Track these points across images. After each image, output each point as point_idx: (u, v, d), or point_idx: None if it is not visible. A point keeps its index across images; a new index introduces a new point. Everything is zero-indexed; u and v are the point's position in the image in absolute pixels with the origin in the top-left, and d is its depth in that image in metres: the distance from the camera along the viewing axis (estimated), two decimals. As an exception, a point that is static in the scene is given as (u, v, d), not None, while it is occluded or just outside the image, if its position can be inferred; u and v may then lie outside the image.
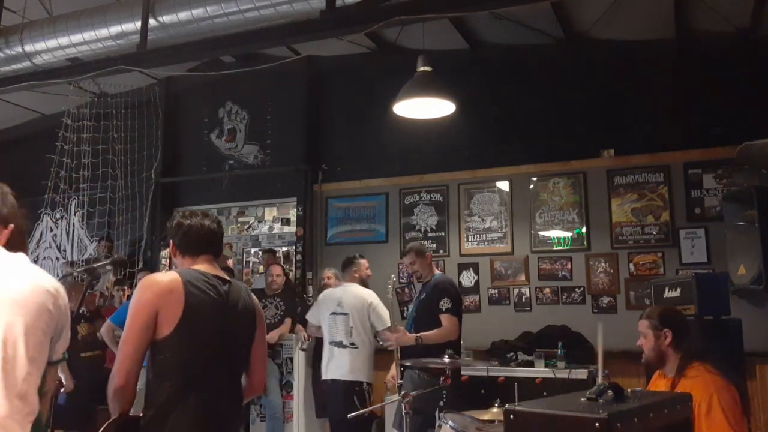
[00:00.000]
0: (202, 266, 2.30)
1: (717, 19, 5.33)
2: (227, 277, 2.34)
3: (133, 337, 2.07)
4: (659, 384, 2.82)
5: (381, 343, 4.87)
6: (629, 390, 1.74)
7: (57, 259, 8.22)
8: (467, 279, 6.37)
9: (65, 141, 7.51)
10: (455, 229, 6.51)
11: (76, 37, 5.08)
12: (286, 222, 7.57)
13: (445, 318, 4.36)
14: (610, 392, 1.64)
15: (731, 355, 3.71)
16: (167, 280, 2.16)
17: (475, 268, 6.36)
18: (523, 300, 6.14)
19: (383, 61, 6.85)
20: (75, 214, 8.09)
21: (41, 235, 8.36)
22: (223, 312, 2.23)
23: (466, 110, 5.52)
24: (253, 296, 2.45)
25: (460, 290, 5.09)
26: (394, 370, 4.74)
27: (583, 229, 6.01)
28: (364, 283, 5.16)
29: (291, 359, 6.00)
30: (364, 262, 5.22)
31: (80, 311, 5.60)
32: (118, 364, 2.05)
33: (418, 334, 4.34)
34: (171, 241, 2.38)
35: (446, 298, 4.40)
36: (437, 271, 4.81)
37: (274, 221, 7.72)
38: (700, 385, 2.54)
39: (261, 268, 7.17)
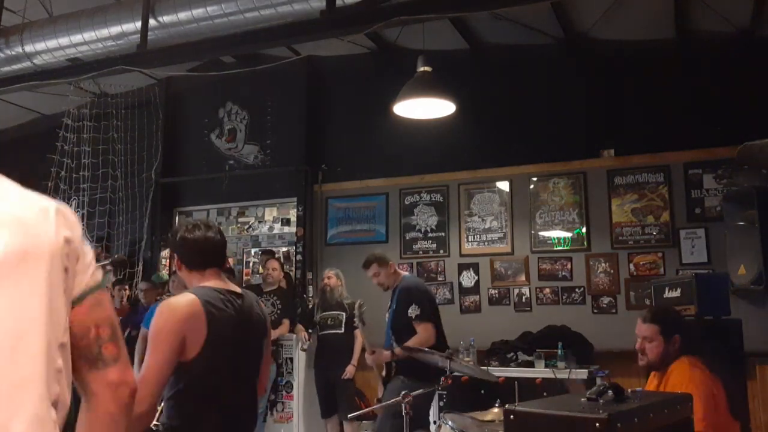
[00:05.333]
0: (213, 281, 2.28)
1: (717, 19, 5.33)
2: (239, 290, 2.34)
3: (159, 364, 2.02)
4: (654, 383, 2.83)
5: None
6: (629, 390, 1.74)
7: (57, 259, 8.20)
8: (467, 279, 6.37)
9: (65, 141, 7.51)
10: (455, 229, 6.51)
11: (76, 38, 5.08)
12: (286, 222, 7.57)
13: (418, 327, 4.20)
14: (610, 392, 1.64)
15: (731, 355, 3.71)
16: (187, 304, 2.12)
17: (475, 268, 6.36)
18: (523, 300, 6.14)
19: (383, 61, 6.85)
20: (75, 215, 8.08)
21: (41, 235, 8.35)
22: (241, 327, 2.24)
23: (466, 110, 5.52)
24: (262, 305, 2.47)
25: (429, 288, 4.86)
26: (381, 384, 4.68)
27: (583, 229, 6.01)
28: None
29: (291, 359, 6.01)
30: None
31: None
32: (144, 390, 1.94)
33: (392, 351, 4.22)
34: (175, 255, 2.38)
35: (413, 305, 4.21)
36: (404, 274, 4.63)
37: (274, 221, 7.72)
38: (678, 379, 2.56)
39: (261, 268, 7.17)
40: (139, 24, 4.78)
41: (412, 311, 4.20)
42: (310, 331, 5.97)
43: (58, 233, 1.04)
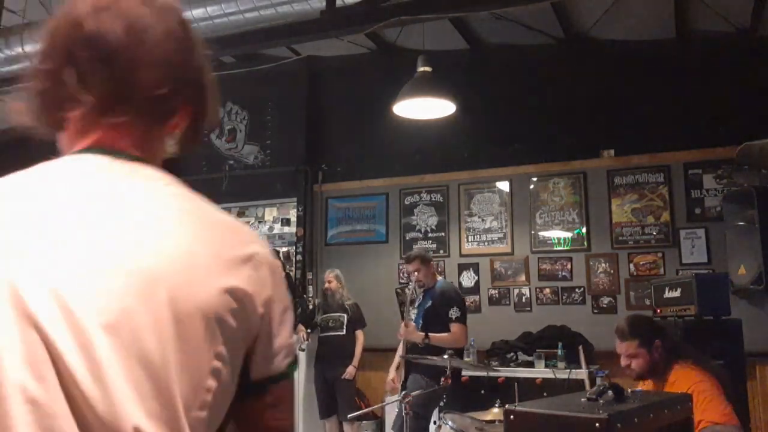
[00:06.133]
0: None
1: (717, 19, 5.33)
2: None
3: None
4: (644, 386, 2.84)
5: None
6: (629, 390, 1.74)
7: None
8: (467, 279, 6.37)
9: (65, 141, 7.50)
10: (455, 229, 6.51)
11: (76, 38, 5.07)
12: (286, 222, 7.56)
13: (455, 326, 4.45)
14: (610, 393, 1.64)
15: (731, 355, 3.71)
16: None
17: (475, 268, 6.36)
18: (523, 300, 6.14)
19: (383, 61, 6.84)
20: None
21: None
22: None
23: (466, 110, 5.52)
24: None
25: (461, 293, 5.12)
26: (393, 373, 4.76)
27: (583, 230, 6.01)
28: None
29: (291, 359, 6.00)
30: None
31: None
32: None
33: (427, 333, 4.38)
34: None
35: (455, 307, 4.51)
36: (439, 278, 4.83)
37: (274, 221, 7.71)
38: (682, 386, 2.56)
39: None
40: (139, 24, 4.77)
41: (453, 312, 4.49)
42: (309, 331, 5.97)
43: (225, 283, 0.77)
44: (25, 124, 0.89)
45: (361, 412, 5.07)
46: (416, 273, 4.65)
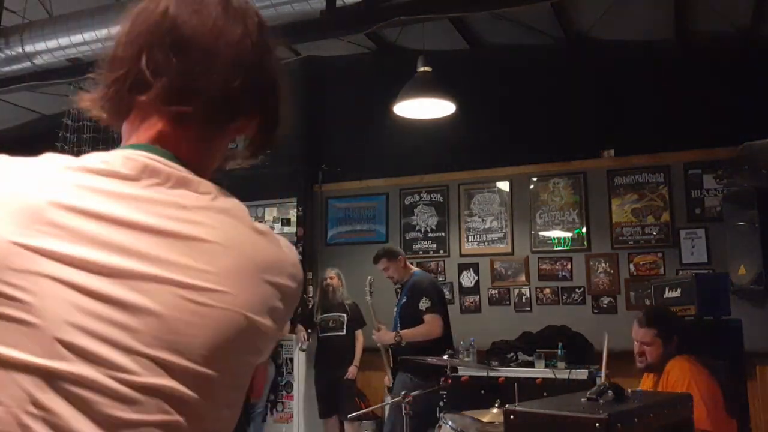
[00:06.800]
0: None
1: (717, 19, 5.33)
2: None
3: None
4: (647, 382, 2.84)
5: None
6: (629, 390, 1.74)
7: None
8: (467, 279, 6.37)
9: (65, 141, 7.49)
10: (455, 229, 6.51)
11: (76, 38, 5.07)
12: (287, 222, 7.55)
13: (426, 317, 4.33)
14: (610, 392, 1.65)
15: (731, 356, 3.71)
16: None
17: (475, 268, 6.36)
18: (523, 300, 6.14)
19: (383, 61, 6.84)
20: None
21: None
22: None
23: (466, 110, 5.51)
24: None
25: (440, 285, 5.03)
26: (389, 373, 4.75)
27: (583, 230, 6.01)
28: None
29: (291, 359, 6.01)
30: None
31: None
32: None
33: (398, 332, 4.34)
34: None
35: (425, 298, 4.37)
36: (414, 269, 4.75)
37: (274, 222, 7.70)
38: (678, 372, 2.57)
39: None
40: (139, 24, 4.76)
41: (423, 304, 4.34)
42: (309, 331, 5.97)
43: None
44: (94, 113, 0.88)
45: (361, 412, 5.07)
46: (387, 271, 4.57)
